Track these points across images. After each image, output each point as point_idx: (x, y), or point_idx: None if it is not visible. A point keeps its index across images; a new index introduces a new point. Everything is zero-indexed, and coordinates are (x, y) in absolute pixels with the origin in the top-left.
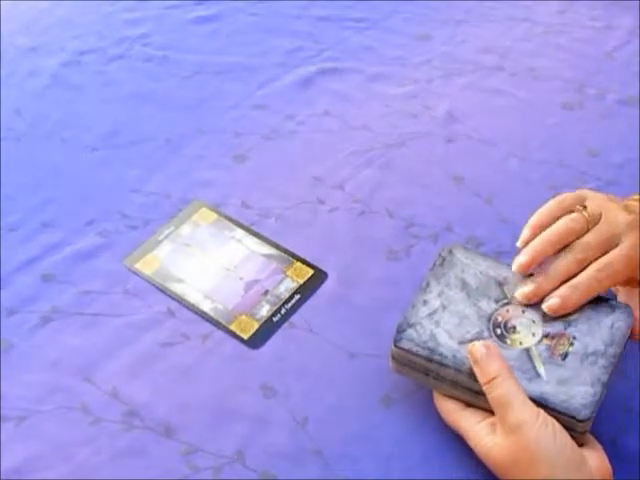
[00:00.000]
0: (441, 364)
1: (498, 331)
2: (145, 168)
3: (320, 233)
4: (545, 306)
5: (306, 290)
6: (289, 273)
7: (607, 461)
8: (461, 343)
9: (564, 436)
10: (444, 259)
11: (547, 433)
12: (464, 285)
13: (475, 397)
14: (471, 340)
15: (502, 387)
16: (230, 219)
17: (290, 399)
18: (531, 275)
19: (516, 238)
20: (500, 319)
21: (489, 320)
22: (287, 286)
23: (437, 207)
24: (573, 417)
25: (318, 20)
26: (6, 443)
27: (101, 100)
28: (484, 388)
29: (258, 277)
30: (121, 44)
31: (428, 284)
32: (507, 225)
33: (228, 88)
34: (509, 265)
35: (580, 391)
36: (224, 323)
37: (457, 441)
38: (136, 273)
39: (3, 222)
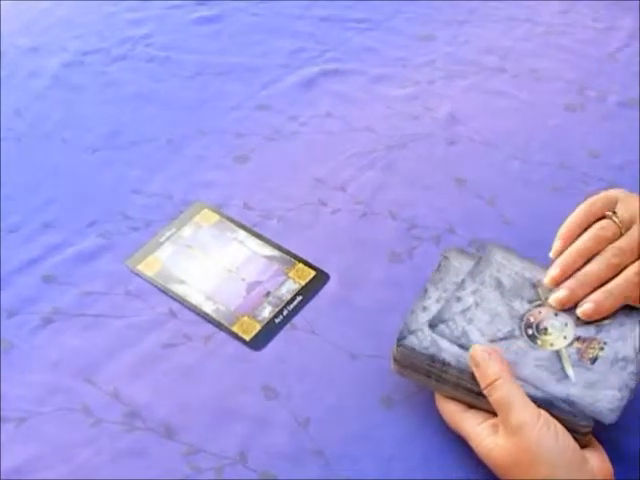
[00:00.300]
0: (443, 366)
1: (530, 331)
2: (147, 169)
3: (322, 234)
4: (579, 311)
5: (308, 292)
6: (291, 274)
7: (608, 462)
8: (492, 341)
9: (566, 437)
10: (480, 258)
11: (549, 434)
12: (499, 284)
13: (477, 399)
14: (502, 339)
15: (503, 389)
16: (232, 220)
17: (291, 400)
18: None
19: (518, 240)
20: (532, 320)
21: (521, 320)
22: (289, 287)
23: (439, 209)
24: (599, 420)
25: (320, 21)
26: (6, 444)
27: (102, 100)
28: (485, 391)
29: (260, 278)
30: (123, 44)
31: (463, 281)
32: (509, 227)
33: (230, 89)
34: (545, 267)
35: (607, 395)
36: (226, 324)
37: (458, 442)
38: (138, 274)
39: (4, 223)
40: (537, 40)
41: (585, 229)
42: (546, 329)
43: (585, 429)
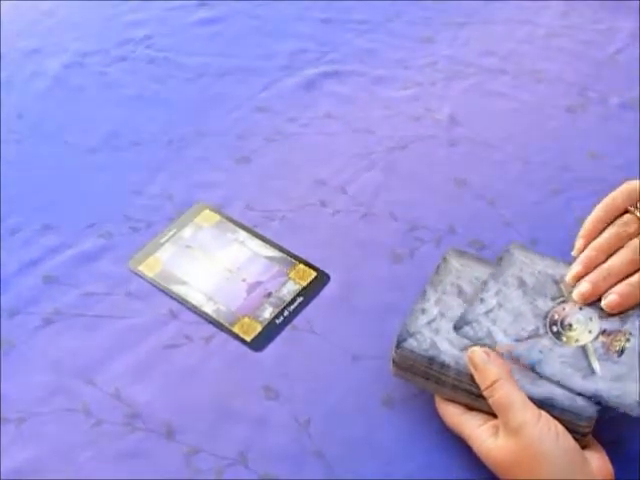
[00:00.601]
0: (442, 369)
1: (554, 329)
2: (147, 170)
3: (323, 235)
4: (604, 303)
5: (309, 292)
6: (292, 275)
7: (609, 462)
8: (517, 341)
9: (566, 438)
10: (501, 258)
11: (549, 435)
12: (521, 283)
13: (476, 400)
14: (527, 338)
15: (502, 390)
16: (233, 221)
17: (292, 401)
18: None
19: (519, 240)
20: (557, 317)
21: (545, 318)
22: (290, 288)
23: (440, 210)
24: (626, 414)
25: (321, 22)
26: (7, 445)
27: (103, 102)
28: (484, 393)
29: (261, 279)
30: (124, 46)
31: (486, 283)
32: (510, 228)
33: (231, 90)
34: (568, 263)
35: (635, 388)
36: (227, 325)
37: (459, 443)
38: (138, 275)
39: (5, 224)
40: (538, 42)
41: (608, 224)
42: (571, 325)
43: (585, 429)
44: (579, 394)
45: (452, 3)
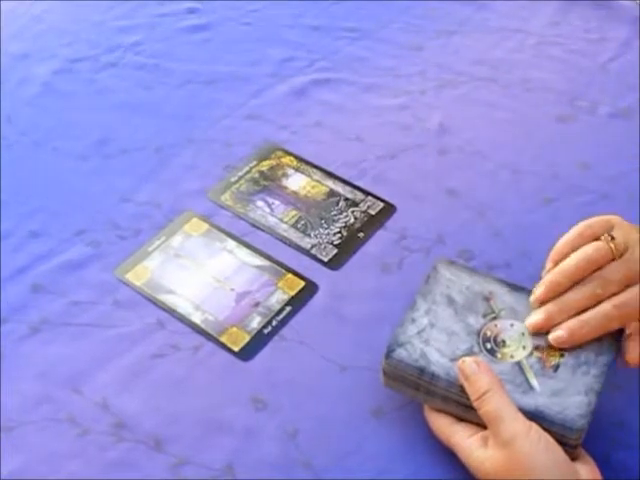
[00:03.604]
0: (432, 379)
1: (488, 345)
2: (136, 177)
3: None
4: (551, 337)
5: (297, 302)
6: (280, 285)
7: (599, 474)
8: (452, 360)
9: (557, 449)
10: (429, 276)
11: (539, 446)
12: (450, 301)
13: (466, 411)
14: (462, 356)
15: (493, 402)
16: (221, 230)
17: (280, 412)
18: (521, 289)
19: (508, 250)
20: (489, 333)
21: (478, 335)
22: (278, 298)
23: (429, 219)
24: (569, 427)
25: (311, 30)
26: None
27: (92, 108)
28: (475, 404)
29: (249, 289)
30: (113, 52)
31: (415, 302)
32: (499, 238)
33: (220, 97)
34: (495, 278)
35: (575, 401)
36: (215, 335)
37: (449, 454)
38: (126, 284)
39: None
40: (528, 51)
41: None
42: (504, 341)
43: (575, 441)
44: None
45: (443, 11)
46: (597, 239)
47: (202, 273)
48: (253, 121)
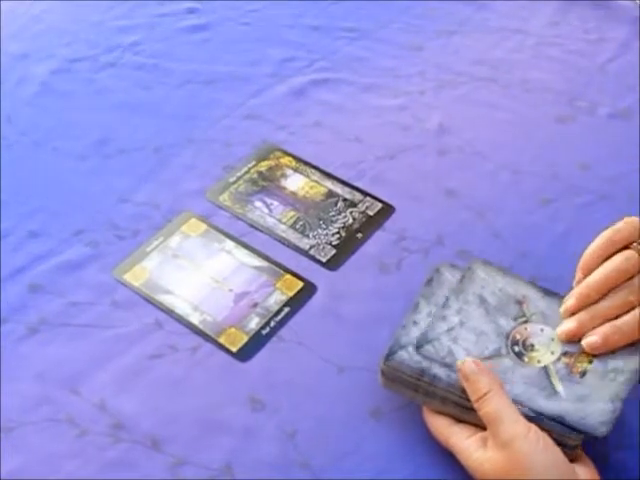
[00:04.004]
0: (433, 381)
1: (516, 349)
2: (134, 178)
3: None
4: (585, 342)
5: (296, 303)
6: (279, 285)
7: (597, 475)
8: (480, 360)
9: (556, 451)
10: (463, 276)
11: (539, 448)
12: (482, 301)
13: (465, 412)
14: (489, 357)
15: (493, 403)
16: (220, 230)
17: (279, 412)
18: (554, 294)
19: (507, 251)
20: (518, 337)
21: (507, 337)
22: (276, 299)
23: (428, 220)
24: (591, 434)
25: (311, 30)
26: None
27: (91, 108)
28: (475, 405)
29: (247, 289)
30: (112, 52)
31: (447, 299)
32: (499, 238)
33: (219, 97)
34: (529, 282)
35: (598, 408)
36: (213, 335)
37: (447, 455)
38: (124, 284)
39: None
40: (528, 51)
41: (608, 257)
42: (532, 345)
43: (574, 443)
44: (542, 414)
45: (442, 11)
46: (627, 244)
47: (200, 274)
48: (252, 121)
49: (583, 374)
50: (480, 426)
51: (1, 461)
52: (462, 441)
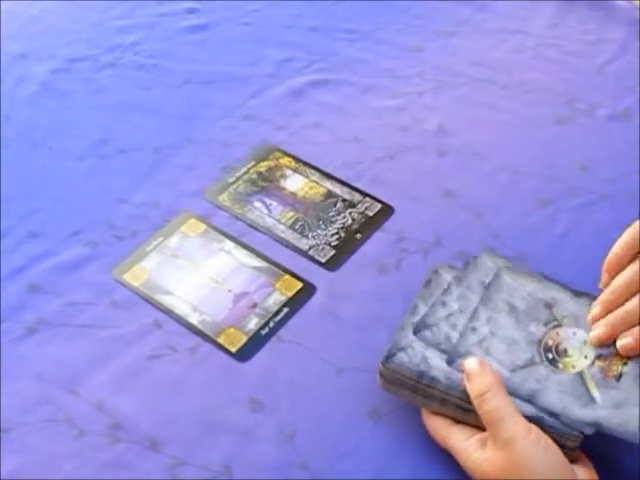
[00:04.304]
0: (432, 382)
1: (550, 356)
2: (133, 178)
3: None
4: (619, 345)
5: (295, 303)
6: (278, 286)
7: (596, 476)
8: (513, 371)
9: (555, 451)
10: (490, 283)
11: (539, 448)
12: (512, 309)
13: (464, 414)
14: (522, 367)
15: (493, 402)
16: (219, 230)
17: (278, 413)
18: (584, 295)
19: (506, 252)
20: (551, 342)
21: (539, 344)
22: (276, 299)
23: (427, 221)
24: (632, 441)
25: (310, 31)
26: None
27: (90, 108)
28: (475, 403)
29: (247, 290)
30: (112, 52)
31: (476, 310)
32: (497, 239)
33: (218, 98)
34: (557, 284)
35: (636, 413)
36: (212, 336)
37: (446, 456)
38: (123, 284)
39: None
40: (527, 52)
41: (633, 257)
42: (566, 350)
43: (573, 444)
44: (579, 422)
45: (441, 12)
46: None
47: (199, 274)
48: (251, 122)
49: (619, 377)
50: (479, 427)
51: (1, 461)
52: (461, 442)
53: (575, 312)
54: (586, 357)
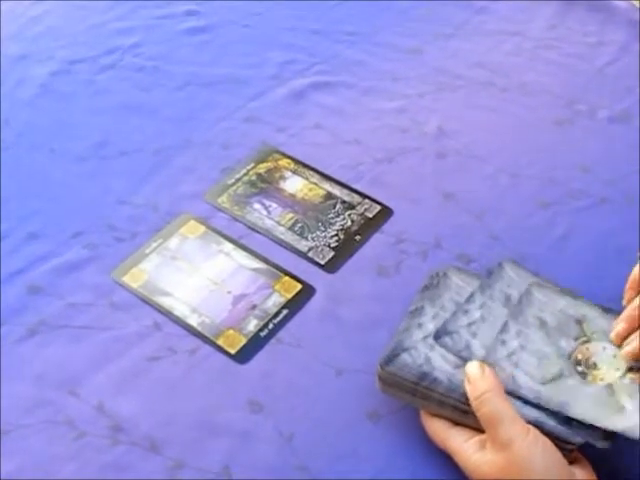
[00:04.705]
0: (431, 385)
1: (579, 369)
2: (133, 179)
3: None
4: None
5: (294, 305)
6: (277, 288)
7: (595, 477)
8: (543, 384)
9: (554, 452)
10: (521, 297)
11: (537, 449)
12: (542, 324)
13: (463, 416)
14: (552, 380)
15: (492, 403)
16: (218, 232)
17: (277, 415)
18: (613, 311)
19: (506, 254)
20: (580, 357)
21: (569, 358)
22: (275, 301)
23: (427, 223)
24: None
25: (311, 33)
26: None
27: (90, 110)
28: (474, 405)
29: (246, 291)
30: (112, 54)
31: (506, 323)
32: (497, 241)
33: (219, 100)
34: (586, 301)
35: None
36: (211, 337)
37: (445, 458)
38: (123, 286)
39: None
40: (526, 54)
41: None
42: (595, 364)
43: (571, 445)
44: (611, 432)
45: (441, 15)
46: None
47: (199, 275)
48: (251, 124)
49: None
50: (478, 429)
51: (1, 463)
52: (460, 443)
53: (605, 328)
54: (617, 369)
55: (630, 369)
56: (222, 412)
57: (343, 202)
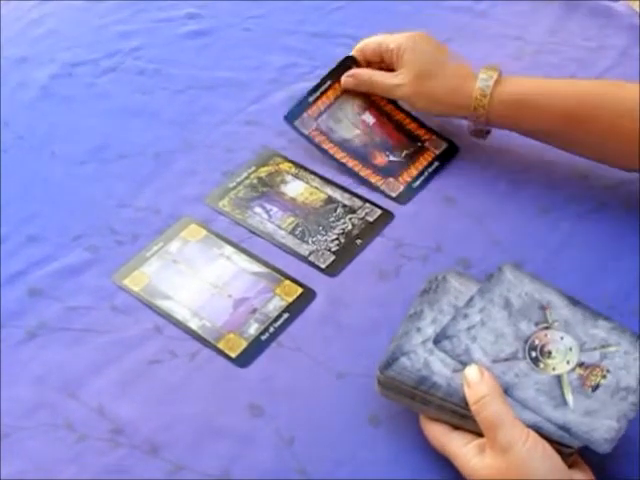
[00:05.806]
0: (431, 389)
1: (533, 354)
2: (134, 183)
3: None
4: None
5: (295, 309)
6: (278, 291)
7: None
8: (494, 362)
9: (553, 456)
10: (492, 276)
11: (537, 453)
12: (507, 304)
13: (462, 420)
14: (505, 359)
15: (491, 407)
16: (219, 236)
17: (277, 418)
18: (580, 304)
19: (505, 259)
20: (537, 342)
21: (526, 342)
22: (276, 305)
23: (427, 227)
24: (594, 450)
25: (311, 36)
26: None
27: (91, 113)
28: (473, 409)
29: (247, 295)
30: (112, 57)
31: (472, 298)
32: (497, 246)
33: (219, 103)
34: (556, 289)
35: (604, 424)
36: (212, 341)
37: (445, 462)
38: (124, 289)
39: None
40: (527, 58)
41: None
42: (550, 352)
43: (570, 449)
44: (549, 422)
45: (441, 18)
46: None
47: (200, 279)
48: (252, 127)
49: (595, 388)
50: (477, 433)
51: (1, 466)
52: (459, 448)
53: (567, 319)
54: (568, 362)
55: (581, 365)
56: (222, 416)
57: (344, 206)
